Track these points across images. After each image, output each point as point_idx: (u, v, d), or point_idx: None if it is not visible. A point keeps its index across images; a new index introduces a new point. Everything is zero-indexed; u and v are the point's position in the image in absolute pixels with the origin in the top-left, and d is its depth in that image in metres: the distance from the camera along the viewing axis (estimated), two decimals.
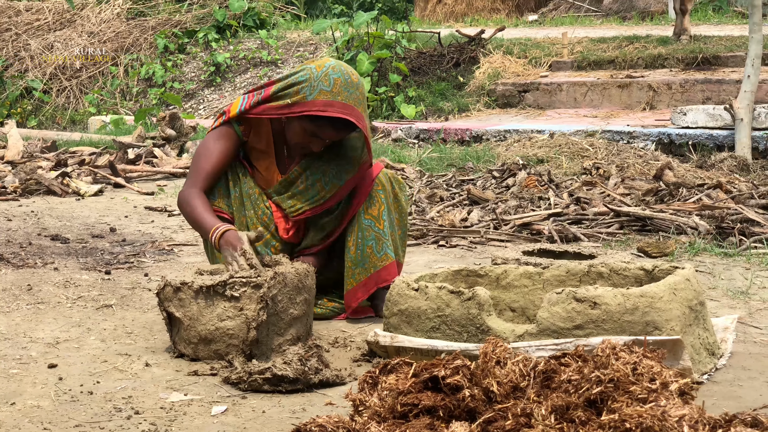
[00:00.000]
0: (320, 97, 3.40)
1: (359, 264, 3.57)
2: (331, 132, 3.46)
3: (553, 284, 3.27)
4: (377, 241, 3.56)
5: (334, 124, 3.44)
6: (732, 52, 9.80)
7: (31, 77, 12.53)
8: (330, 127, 3.44)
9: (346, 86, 3.42)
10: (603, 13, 15.35)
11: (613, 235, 5.01)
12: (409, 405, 2.17)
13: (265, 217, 3.59)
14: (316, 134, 3.47)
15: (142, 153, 7.93)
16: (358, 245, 3.56)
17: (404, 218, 3.69)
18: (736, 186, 5.83)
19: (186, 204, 3.48)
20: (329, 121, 3.43)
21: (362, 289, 3.57)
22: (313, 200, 3.57)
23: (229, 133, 3.56)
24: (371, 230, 3.56)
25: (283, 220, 3.61)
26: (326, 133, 3.46)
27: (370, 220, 3.57)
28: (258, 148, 3.62)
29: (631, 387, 2.09)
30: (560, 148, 7.07)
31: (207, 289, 3.07)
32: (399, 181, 3.67)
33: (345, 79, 3.43)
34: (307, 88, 3.41)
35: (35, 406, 2.70)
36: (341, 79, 3.42)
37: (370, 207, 3.58)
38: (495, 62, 10.49)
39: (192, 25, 13.11)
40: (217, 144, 3.54)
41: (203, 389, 2.85)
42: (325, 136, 3.47)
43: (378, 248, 3.56)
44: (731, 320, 3.26)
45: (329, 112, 3.39)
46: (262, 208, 3.60)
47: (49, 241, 5.00)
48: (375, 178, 3.60)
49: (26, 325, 3.50)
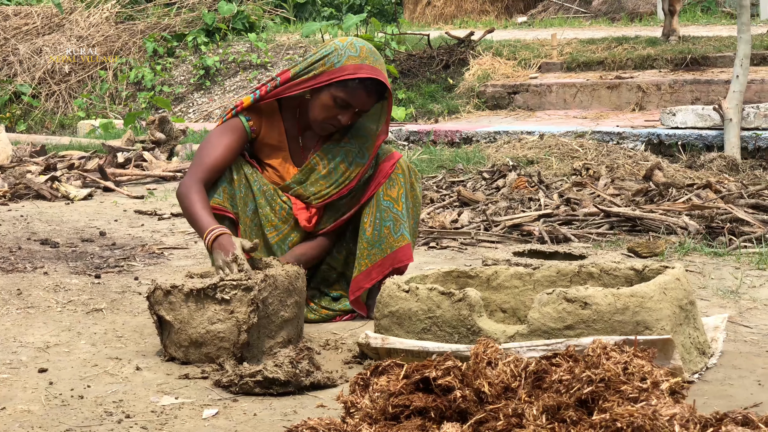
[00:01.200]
0: (349, 62, 3.41)
1: (375, 245, 3.53)
2: (363, 96, 3.43)
3: (544, 285, 3.28)
4: (395, 222, 3.53)
5: (366, 88, 3.42)
6: (721, 52, 9.82)
7: (20, 82, 12.50)
8: (362, 90, 3.42)
9: (371, 53, 3.45)
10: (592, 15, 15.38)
11: (603, 235, 5.02)
12: (401, 406, 2.17)
13: (283, 212, 3.56)
14: (348, 102, 3.43)
15: (131, 157, 7.92)
16: (376, 225, 3.53)
17: (418, 208, 3.66)
18: (725, 186, 5.84)
19: (185, 197, 3.41)
20: (361, 85, 3.41)
21: (377, 269, 3.53)
22: (338, 183, 3.54)
23: (237, 127, 3.51)
24: (390, 211, 3.53)
25: (304, 211, 3.57)
26: (358, 98, 3.42)
27: (389, 202, 3.54)
28: (270, 144, 3.58)
29: (622, 386, 2.09)
30: (550, 149, 7.08)
31: (197, 293, 3.06)
32: (415, 172, 3.65)
33: (369, 47, 3.47)
34: (335, 56, 3.42)
35: (26, 411, 2.69)
36: (366, 47, 3.45)
37: (389, 189, 3.54)
38: (484, 64, 10.50)
39: (181, 29, 13.09)
40: (223, 137, 3.49)
41: (194, 392, 2.84)
42: (357, 102, 3.43)
43: (395, 229, 3.53)
44: (721, 319, 3.27)
45: (360, 73, 3.39)
46: (280, 203, 3.56)
47: (38, 246, 4.99)
48: (396, 161, 3.58)
49: (16, 330, 3.49)
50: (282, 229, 3.56)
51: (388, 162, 3.57)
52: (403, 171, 3.58)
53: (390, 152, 3.61)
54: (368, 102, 3.46)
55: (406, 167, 3.59)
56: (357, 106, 3.45)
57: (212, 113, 11.59)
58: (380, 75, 3.42)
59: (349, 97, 3.43)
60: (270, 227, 3.54)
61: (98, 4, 13.74)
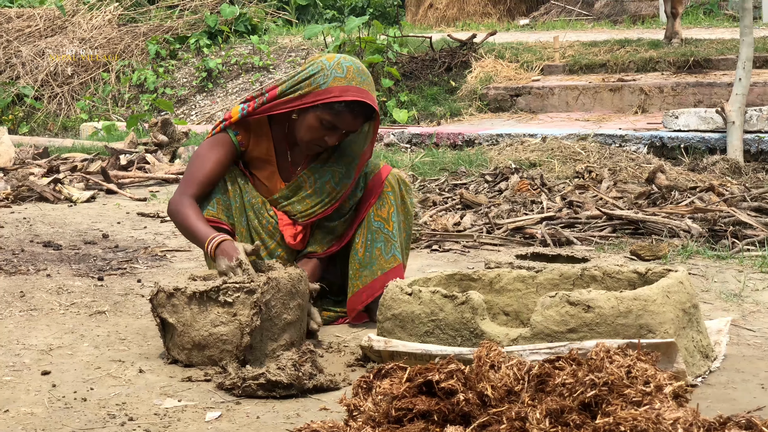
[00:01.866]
0: (335, 84, 3.37)
1: (367, 266, 3.53)
2: (350, 119, 3.40)
3: (547, 288, 3.28)
4: (386, 243, 3.54)
5: (353, 111, 3.39)
6: (723, 55, 9.82)
7: (23, 84, 12.51)
8: (348, 114, 3.39)
9: (359, 73, 3.41)
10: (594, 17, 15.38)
11: (606, 238, 5.02)
12: (404, 410, 2.17)
13: (270, 226, 3.55)
14: (334, 125, 3.40)
15: (134, 159, 7.92)
16: (367, 247, 3.53)
17: (410, 220, 3.67)
18: (728, 189, 5.84)
19: (177, 213, 3.42)
20: (347, 108, 3.38)
21: (367, 291, 3.53)
22: (325, 202, 3.53)
23: (225, 141, 3.50)
24: (380, 232, 3.53)
25: (291, 227, 3.56)
26: (345, 120, 3.40)
27: (380, 222, 3.54)
28: (258, 157, 3.56)
29: (626, 390, 2.09)
30: (552, 152, 7.08)
31: (200, 295, 3.07)
32: (406, 183, 3.64)
33: (357, 67, 3.42)
34: (321, 77, 3.38)
35: (29, 413, 2.69)
36: (353, 67, 3.41)
37: (379, 208, 3.54)
38: (487, 66, 10.50)
39: (183, 31, 13.09)
40: (212, 152, 3.49)
41: (197, 395, 2.84)
42: (343, 125, 3.41)
43: (386, 250, 3.53)
44: (725, 323, 3.27)
45: (347, 96, 3.35)
46: (267, 217, 3.55)
47: (41, 248, 4.99)
48: (385, 179, 3.57)
49: (19, 332, 3.49)
50: (269, 244, 3.55)
51: (377, 179, 3.57)
52: (392, 188, 3.57)
53: (377, 168, 3.60)
54: (355, 124, 3.44)
55: (395, 182, 3.59)
56: (343, 128, 3.43)
57: (215, 115, 11.59)
58: (367, 97, 3.38)
59: (335, 120, 3.40)
60: (259, 240, 3.53)
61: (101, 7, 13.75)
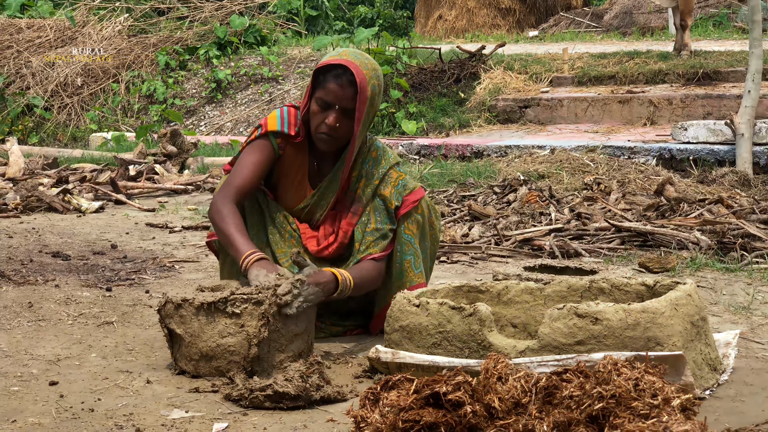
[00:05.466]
0: (325, 60, 3.43)
1: (398, 277, 3.53)
2: (334, 86, 3.38)
3: (555, 300, 3.27)
4: (415, 258, 3.53)
5: (337, 78, 3.38)
6: (732, 67, 9.82)
7: (33, 94, 12.55)
8: (332, 81, 3.38)
9: (354, 54, 3.44)
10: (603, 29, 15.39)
11: (614, 250, 5.01)
12: (411, 421, 2.17)
13: (293, 239, 3.56)
14: (325, 100, 3.40)
15: (143, 170, 7.94)
16: (397, 258, 3.53)
17: (435, 247, 3.67)
18: (737, 201, 5.83)
19: (219, 217, 3.38)
20: (331, 75, 3.38)
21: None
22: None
23: (265, 146, 3.52)
24: (411, 246, 3.53)
25: (315, 239, 3.57)
26: (330, 91, 3.39)
27: (410, 236, 3.54)
28: (293, 163, 3.57)
29: (633, 403, 2.09)
30: (561, 164, 7.08)
31: (208, 306, 3.07)
32: (436, 211, 3.65)
33: (353, 50, 3.46)
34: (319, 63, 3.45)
35: (36, 424, 2.69)
36: (349, 51, 3.45)
37: (411, 223, 3.54)
38: (496, 78, 10.51)
39: (193, 42, 13.14)
40: (251, 156, 3.50)
41: (204, 406, 2.84)
42: (331, 97, 3.39)
43: (416, 264, 3.53)
44: (733, 335, 3.26)
45: (325, 61, 3.40)
46: (289, 231, 3.56)
47: (50, 258, 5.00)
48: (419, 200, 3.55)
49: (27, 342, 3.50)
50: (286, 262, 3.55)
51: (411, 197, 3.56)
52: (422, 211, 3.57)
53: (415, 188, 3.59)
54: (343, 93, 3.40)
55: (426, 207, 3.59)
56: (334, 101, 3.40)
57: (223, 126, 11.62)
58: (350, 64, 3.38)
59: (323, 94, 3.41)
60: (281, 254, 3.53)
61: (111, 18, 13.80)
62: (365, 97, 3.40)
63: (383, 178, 3.53)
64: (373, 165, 3.55)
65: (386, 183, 3.53)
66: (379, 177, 3.53)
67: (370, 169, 3.55)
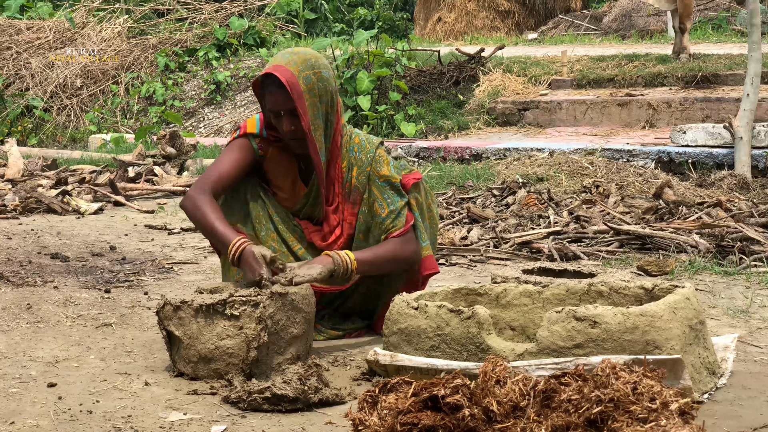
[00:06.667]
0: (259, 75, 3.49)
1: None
2: (268, 96, 3.43)
3: (553, 303, 3.27)
4: (421, 231, 3.52)
5: (267, 88, 3.42)
6: (731, 70, 9.82)
7: (32, 95, 12.55)
8: (267, 93, 3.43)
9: (283, 54, 3.47)
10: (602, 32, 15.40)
11: (612, 253, 5.01)
12: (409, 424, 2.17)
13: (296, 235, 3.57)
14: (270, 109, 3.45)
15: (142, 171, 7.94)
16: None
17: (435, 229, 3.68)
18: (735, 204, 5.83)
19: (196, 209, 3.40)
20: (264, 88, 3.43)
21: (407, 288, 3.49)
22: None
23: (244, 144, 3.55)
24: (416, 221, 3.52)
25: (318, 232, 3.58)
26: (268, 100, 3.44)
27: (414, 210, 3.53)
28: (281, 164, 3.59)
29: (632, 407, 2.09)
30: (560, 167, 7.08)
31: (207, 308, 3.07)
32: (433, 196, 3.66)
33: (283, 52, 3.49)
34: None
35: (34, 426, 2.69)
36: (281, 54, 3.48)
37: (412, 199, 3.53)
38: (495, 80, 10.52)
39: (193, 44, 13.14)
40: (230, 153, 3.53)
41: (203, 408, 2.84)
42: (272, 104, 3.43)
43: (422, 239, 3.53)
44: (731, 339, 3.26)
45: (259, 75, 3.44)
46: (292, 226, 3.58)
47: (49, 260, 5.00)
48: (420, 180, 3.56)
49: (26, 344, 3.50)
50: (297, 249, 3.56)
51: (411, 176, 3.56)
52: (421, 191, 3.58)
53: (413, 170, 3.60)
54: (275, 99, 3.42)
55: (424, 190, 3.60)
56: (276, 108, 3.43)
57: (223, 128, 11.62)
58: (275, 69, 3.39)
59: (267, 105, 3.46)
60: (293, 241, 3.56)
61: (110, 19, 13.80)
62: (299, 92, 3.39)
63: (374, 160, 3.53)
64: (359, 150, 3.55)
65: (379, 163, 3.53)
66: (369, 161, 3.53)
67: (357, 155, 3.55)
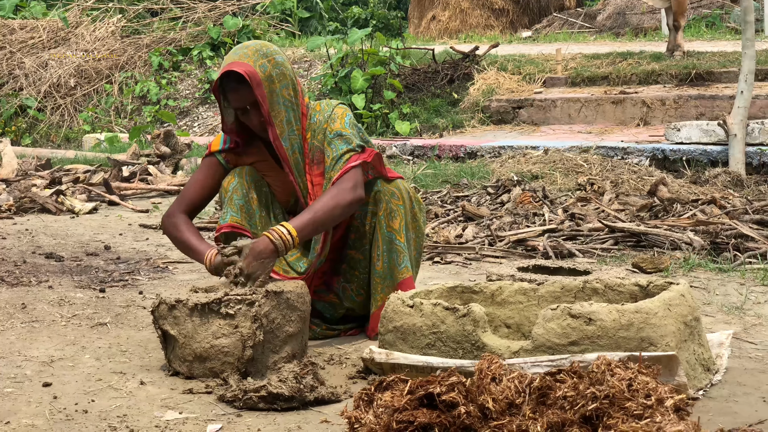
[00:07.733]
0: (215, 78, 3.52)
1: (387, 278, 3.52)
2: (230, 94, 3.45)
3: (548, 300, 3.28)
4: (398, 254, 3.52)
5: (227, 86, 3.44)
6: (725, 67, 9.83)
7: (26, 95, 12.53)
8: (228, 90, 3.45)
9: (234, 51, 3.48)
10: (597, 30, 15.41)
11: (607, 250, 5.02)
12: (405, 422, 2.17)
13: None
14: (236, 107, 3.46)
15: (136, 171, 7.93)
16: (384, 259, 3.52)
17: (421, 239, 3.66)
18: (730, 201, 5.84)
19: (172, 226, 3.56)
20: (223, 86, 3.45)
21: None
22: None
23: (211, 163, 3.62)
24: (393, 243, 3.51)
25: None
26: (231, 99, 3.46)
27: (392, 233, 3.51)
28: (261, 162, 3.59)
29: (627, 403, 2.09)
30: (555, 164, 7.08)
31: (202, 307, 3.07)
32: (419, 201, 3.63)
33: (235, 49, 3.51)
34: None
35: (30, 425, 2.69)
36: (231, 52, 3.49)
37: (391, 220, 3.52)
38: (489, 79, 10.51)
39: (186, 43, 13.12)
40: (197, 174, 3.65)
41: (198, 407, 2.84)
42: (235, 102, 3.45)
43: (399, 261, 3.52)
44: (726, 336, 3.26)
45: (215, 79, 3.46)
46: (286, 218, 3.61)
47: (43, 260, 5.00)
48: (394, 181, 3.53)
49: (20, 344, 3.50)
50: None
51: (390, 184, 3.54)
52: (403, 201, 3.53)
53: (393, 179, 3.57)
54: (239, 95, 3.43)
55: (407, 197, 3.55)
56: (241, 104, 3.45)
57: (217, 127, 11.61)
58: (231, 66, 3.41)
59: (232, 104, 3.48)
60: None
61: (104, 19, 13.78)
62: (258, 81, 3.41)
63: (329, 117, 3.52)
64: (319, 114, 3.55)
65: (333, 119, 3.51)
66: (326, 119, 3.52)
67: (318, 118, 3.54)
